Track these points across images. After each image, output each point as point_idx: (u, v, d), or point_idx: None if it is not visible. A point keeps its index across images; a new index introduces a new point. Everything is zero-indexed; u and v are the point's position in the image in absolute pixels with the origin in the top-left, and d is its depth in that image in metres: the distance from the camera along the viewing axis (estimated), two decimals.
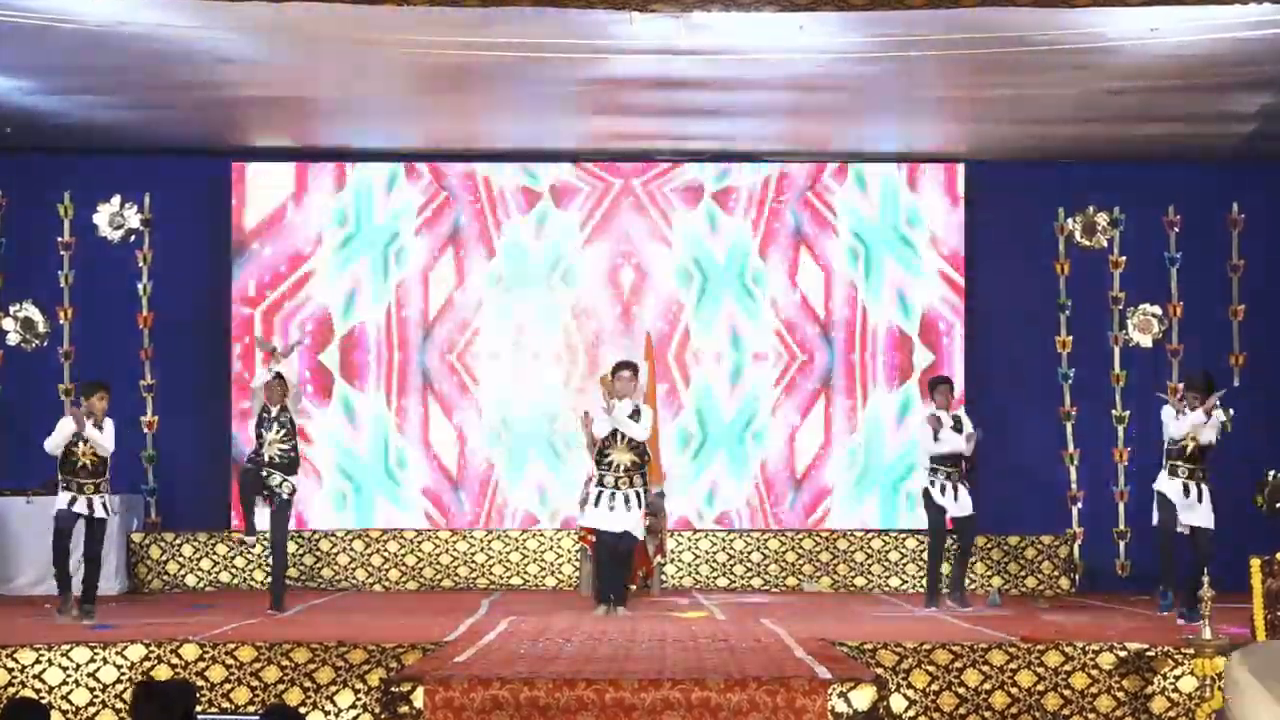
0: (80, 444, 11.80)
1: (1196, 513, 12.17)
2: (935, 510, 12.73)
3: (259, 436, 12.40)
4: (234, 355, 14.99)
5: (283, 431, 12.38)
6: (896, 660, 9.55)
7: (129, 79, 12.65)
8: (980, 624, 11.24)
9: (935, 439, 12.70)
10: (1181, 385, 13.01)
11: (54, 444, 11.83)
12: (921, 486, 13.00)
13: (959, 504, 12.71)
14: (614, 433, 12.11)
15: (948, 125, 14.45)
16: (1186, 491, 12.17)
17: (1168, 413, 12.36)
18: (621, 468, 12.10)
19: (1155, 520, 12.41)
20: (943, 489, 12.69)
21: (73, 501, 11.76)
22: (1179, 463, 12.24)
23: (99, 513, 11.83)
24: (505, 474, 15.16)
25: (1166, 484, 12.26)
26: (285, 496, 12.39)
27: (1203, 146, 14.66)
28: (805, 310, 15.28)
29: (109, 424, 11.91)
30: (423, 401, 15.20)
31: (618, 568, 12.34)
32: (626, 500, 12.10)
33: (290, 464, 12.41)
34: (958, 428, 12.78)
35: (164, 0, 10.67)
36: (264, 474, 12.31)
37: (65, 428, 11.82)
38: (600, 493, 12.18)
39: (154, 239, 15.19)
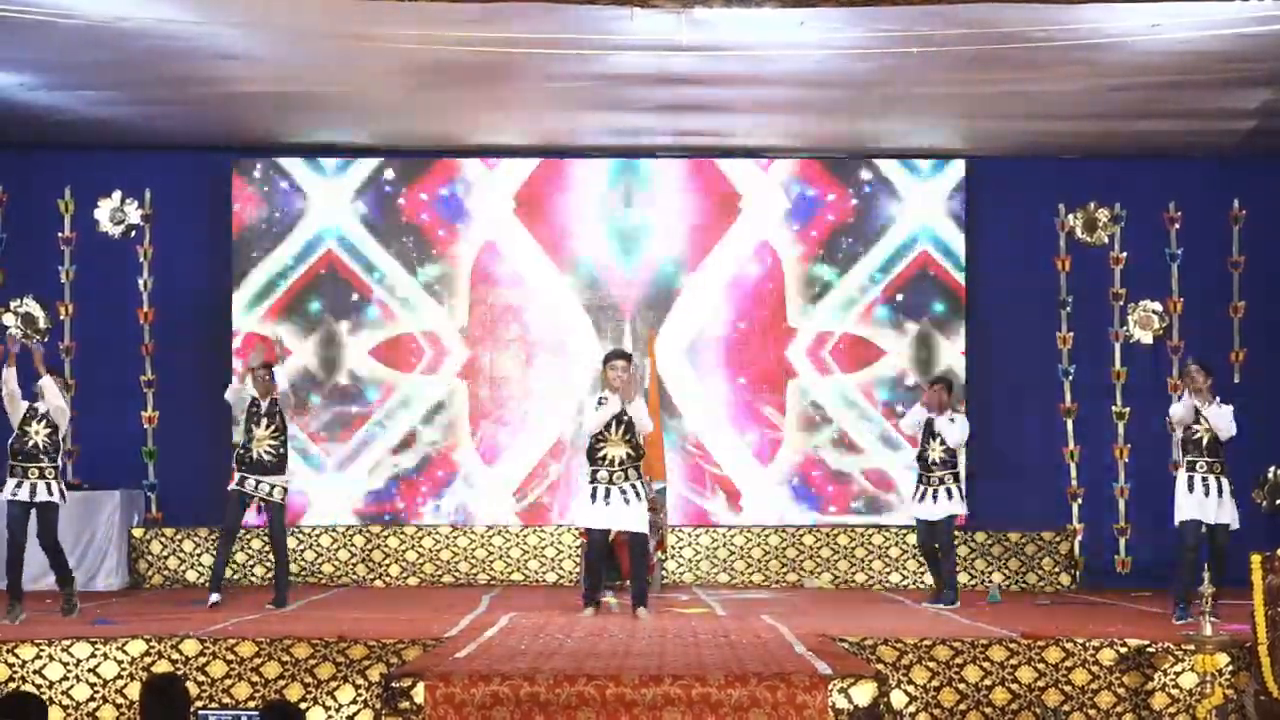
0: (34, 422, 11.50)
1: (1219, 510, 11.47)
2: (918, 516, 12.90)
3: (248, 432, 12.26)
4: (234, 350, 14.99)
5: (272, 427, 12.23)
6: (897, 656, 9.55)
7: (130, 75, 12.65)
8: (980, 620, 11.25)
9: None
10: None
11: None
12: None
13: (923, 507, 12.77)
14: (609, 425, 11.55)
15: (949, 121, 14.44)
16: (1206, 489, 11.48)
17: (1175, 405, 11.78)
18: (617, 461, 11.52)
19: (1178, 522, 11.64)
20: (921, 496, 12.81)
21: (18, 488, 11.40)
22: (1196, 457, 11.53)
23: (42, 496, 11.42)
24: (513, 469, 15.19)
25: (1184, 496, 11.49)
26: (278, 500, 12.27)
27: (1204, 143, 14.66)
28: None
29: (49, 383, 11.59)
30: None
31: (633, 566, 11.76)
32: (624, 494, 11.54)
33: (279, 463, 12.24)
34: (933, 430, 12.74)
35: None
36: (252, 486, 12.19)
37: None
38: (595, 489, 11.57)
39: (155, 235, 15.20)
